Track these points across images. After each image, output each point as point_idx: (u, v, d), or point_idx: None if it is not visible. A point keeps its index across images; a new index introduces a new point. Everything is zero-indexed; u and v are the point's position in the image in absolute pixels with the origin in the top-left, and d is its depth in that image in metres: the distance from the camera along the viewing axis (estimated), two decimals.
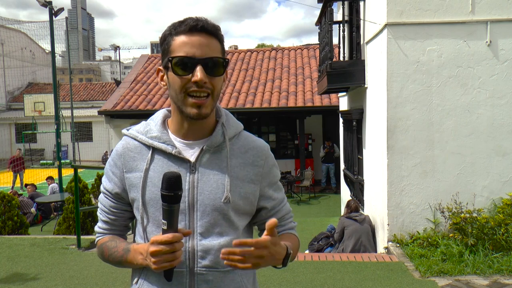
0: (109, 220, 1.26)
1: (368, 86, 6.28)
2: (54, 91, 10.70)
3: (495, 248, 4.65)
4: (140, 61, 17.32)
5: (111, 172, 1.24)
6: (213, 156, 1.18)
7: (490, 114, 5.14)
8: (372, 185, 6.22)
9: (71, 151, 21.96)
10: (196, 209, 1.15)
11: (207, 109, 1.12)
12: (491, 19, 5.07)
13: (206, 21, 1.14)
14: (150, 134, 1.20)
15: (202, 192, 1.15)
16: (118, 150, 1.24)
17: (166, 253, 1.02)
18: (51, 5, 10.37)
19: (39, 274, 4.46)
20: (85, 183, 7.20)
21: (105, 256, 1.24)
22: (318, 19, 7.54)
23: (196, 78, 1.08)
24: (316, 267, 4.61)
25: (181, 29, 1.12)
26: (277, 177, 1.29)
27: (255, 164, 1.22)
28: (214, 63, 1.12)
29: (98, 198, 1.30)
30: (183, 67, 1.10)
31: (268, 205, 1.26)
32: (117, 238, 1.25)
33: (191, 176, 1.16)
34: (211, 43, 1.13)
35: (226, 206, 1.15)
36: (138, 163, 1.19)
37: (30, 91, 28.29)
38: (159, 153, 1.18)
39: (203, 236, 1.14)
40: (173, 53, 1.12)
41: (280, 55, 16.15)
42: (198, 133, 1.19)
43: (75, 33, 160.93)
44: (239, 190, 1.18)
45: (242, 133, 1.27)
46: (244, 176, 1.20)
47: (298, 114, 12.80)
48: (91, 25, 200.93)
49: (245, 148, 1.23)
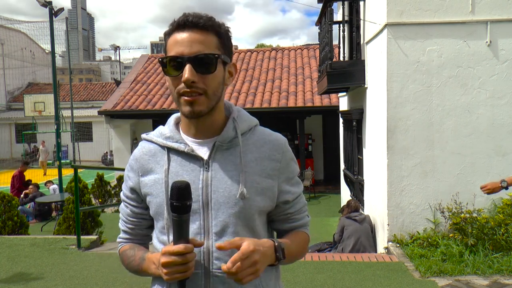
0: (128, 229, 1.25)
1: (368, 86, 6.28)
2: (54, 91, 10.70)
3: (495, 248, 4.65)
4: (140, 61, 17.32)
5: (128, 177, 1.23)
6: (226, 152, 1.15)
7: (490, 114, 5.14)
8: (372, 185, 6.22)
9: (71, 151, 21.98)
10: (211, 207, 1.11)
11: (200, 107, 1.08)
12: (491, 19, 5.07)
13: (198, 16, 1.09)
14: (164, 135, 1.19)
15: (216, 190, 1.11)
16: (135, 154, 1.23)
17: (177, 264, 1.00)
18: (51, 5, 10.37)
19: (39, 274, 4.46)
20: (85, 183, 7.19)
21: (125, 264, 1.23)
22: (318, 19, 7.54)
23: (183, 78, 1.05)
24: (316, 267, 4.61)
25: (173, 27, 1.09)
26: (296, 172, 1.24)
27: (271, 158, 1.17)
28: (204, 60, 1.06)
29: (119, 208, 1.29)
30: (174, 67, 1.07)
31: (286, 199, 1.21)
32: (136, 247, 1.23)
33: (204, 174, 1.13)
34: (204, 39, 1.07)
35: (242, 203, 1.11)
36: (152, 166, 1.17)
37: (30, 91, 28.31)
38: (174, 153, 1.16)
39: (218, 236, 1.10)
40: (167, 53, 1.10)
41: (280, 55, 16.16)
42: (208, 131, 1.16)
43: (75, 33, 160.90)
44: (255, 186, 1.13)
45: (257, 128, 1.22)
46: (260, 171, 1.15)
47: (298, 114, 12.80)
48: (91, 25, 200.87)
49: (260, 142, 1.18)
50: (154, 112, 13.12)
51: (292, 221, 1.25)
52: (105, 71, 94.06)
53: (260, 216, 1.17)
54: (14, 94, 30.17)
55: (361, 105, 6.78)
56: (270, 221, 1.26)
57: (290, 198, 1.21)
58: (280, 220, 1.25)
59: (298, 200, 1.24)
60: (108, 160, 23.18)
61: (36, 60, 32.01)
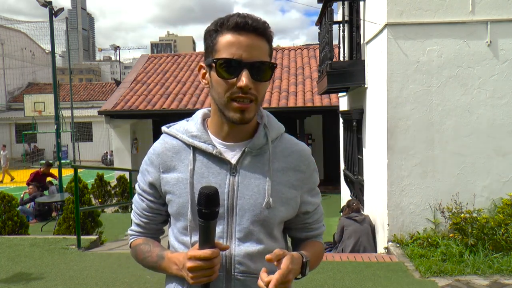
0: (142, 223, 1.23)
1: (368, 86, 6.27)
2: (54, 91, 10.69)
3: (495, 248, 4.65)
4: (140, 61, 17.32)
5: (146, 171, 1.19)
6: (254, 159, 1.13)
7: (490, 114, 5.14)
8: (372, 185, 6.22)
9: (71, 151, 21.97)
10: (235, 213, 1.10)
11: (250, 114, 1.07)
12: (491, 19, 5.07)
13: (256, 19, 1.05)
14: (190, 133, 1.15)
15: (242, 196, 1.10)
16: (156, 148, 1.18)
17: (204, 268, 1.00)
18: (51, 5, 10.36)
19: (39, 274, 4.46)
20: (85, 183, 7.19)
21: (139, 259, 1.22)
22: (318, 19, 7.54)
23: (241, 84, 1.02)
24: (316, 267, 4.60)
25: (229, 26, 1.04)
26: (317, 183, 1.24)
27: (297, 169, 1.17)
28: (261, 67, 1.05)
29: (133, 199, 1.26)
30: (228, 70, 1.04)
31: (306, 210, 1.21)
32: (151, 242, 1.22)
33: (231, 178, 1.11)
34: (260, 45, 1.05)
35: (267, 212, 1.11)
36: (176, 164, 1.14)
37: (30, 91, 28.30)
38: (199, 153, 1.13)
39: (241, 241, 1.10)
40: (219, 52, 1.05)
41: (280, 55, 16.16)
42: (239, 135, 1.14)
43: (75, 33, 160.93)
44: (280, 196, 1.13)
45: (284, 135, 1.21)
46: (286, 182, 1.14)
47: (298, 114, 12.79)
48: (91, 25, 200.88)
49: (288, 151, 1.17)
50: (154, 112, 13.11)
51: (309, 231, 1.26)
52: (105, 71, 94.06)
53: (280, 224, 1.18)
54: (14, 94, 30.18)
55: (361, 105, 6.78)
56: (286, 228, 1.26)
57: (310, 209, 1.22)
58: (297, 229, 1.26)
59: (317, 211, 1.25)
60: (108, 160, 23.19)
61: (36, 60, 32.02)
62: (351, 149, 7.72)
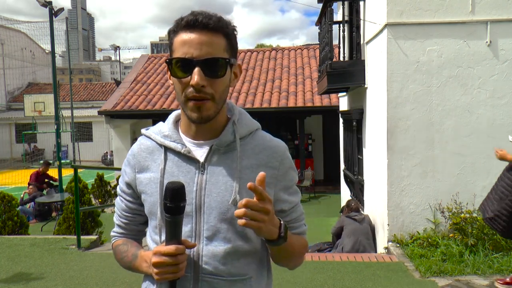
0: (122, 224, 1.25)
1: (368, 86, 6.28)
2: (54, 91, 10.70)
3: (495, 248, 4.65)
4: (140, 61, 17.32)
5: (124, 172, 1.21)
6: (223, 156, 1.12)
7: (490, 114, 5.14)
8: (372, 185, 6.22)
9: (71, 151, 21.96)
10: (203, 211, 1.09)
11: (208, 112, 1.06)
12: (491, 19, 5.07)
13: (208, 15, 1.04)
14: (162, 133, 1.17)
15: (209, 194, 1.09)
16: (133, 150, 1.22)
17: (168, 264, 0.99)
18: (51, 5, 10.36)
19: (39, 274, 4.46)
20: (85, 183, 7.19)
21: (118, 259, 1.23)
22: (318, 19, 7.54)
23: (192, 82, 1.02)
24: (316, 267, 4.61)
25: (181, 25, 1.05)
26: (294, 181, 1.20)
27: (269, 165, 1.13)
28: (215, 64, 1.04)
29: (115, 201, 1.28)
30: (182, 69, 1.04)
31: (282, 208, 1.17)
32: (129, 242, 1.23)
33: (200, 176, 1.11)
34: (213, 41, 1.04)
35: (234, 209, 1.05)
36: (149, 164, 1.16)
37: (30, 91, 28.32)
38: (171, 152, 1.14)
39: (209, 240, 1.09)
40: (173, 52, 1.07)
41: (280, 55, 16.16)
42: (208, 133, 1.13)
43: (75, 33, 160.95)
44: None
45: (257, 132, 1.19)
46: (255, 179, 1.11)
47: (298, 114, 12.80)
48: (91, 25, 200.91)
49: (259, 148, 1.15)
50: (154, 112, 13.11)
51: (288, 229, 1.22)
52: (105, 71, 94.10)
53: None
54: (14, 94, 30.18)
55: (361, 105, 6.78)
56: None
57: (286, 208, 1.18)
58: None
59: (294, 209, 1.21)
60: (108, 160, 23.20)
61: (36, 60, 32.02)
62: (351, 149, 7.72)
